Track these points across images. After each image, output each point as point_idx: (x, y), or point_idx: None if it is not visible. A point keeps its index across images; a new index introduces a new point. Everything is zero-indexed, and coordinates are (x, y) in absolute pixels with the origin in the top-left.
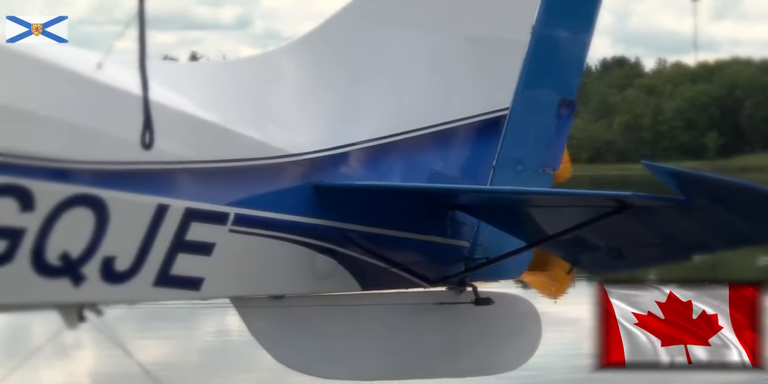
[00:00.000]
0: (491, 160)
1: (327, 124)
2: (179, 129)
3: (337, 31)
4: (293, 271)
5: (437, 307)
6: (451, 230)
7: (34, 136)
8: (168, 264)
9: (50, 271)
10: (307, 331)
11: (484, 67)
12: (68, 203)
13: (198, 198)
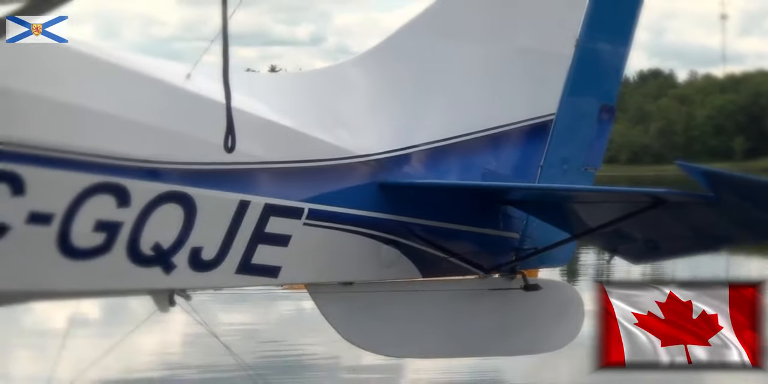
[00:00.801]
0: (539, 160)
1: (391, 128)
2: (259, 133)
3: (401, 45)
4: (361, 260)
5: (490, 292)
6: (503, 223)
7: (130, 139)
8: (249, 254)
9: (144, 260)
10: (374, 314)
11: (533, 77)
12: (160, 200)
13: (276, 195)
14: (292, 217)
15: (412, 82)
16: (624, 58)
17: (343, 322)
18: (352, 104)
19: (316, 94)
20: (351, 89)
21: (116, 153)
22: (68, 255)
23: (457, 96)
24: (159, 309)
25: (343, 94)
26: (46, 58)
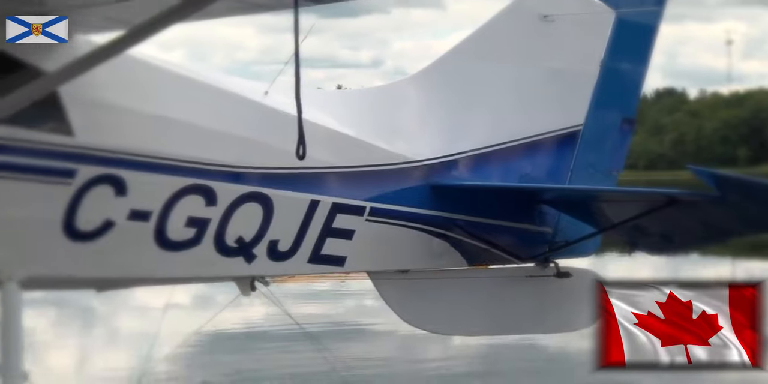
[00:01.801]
0: (569, 165)
1: (440, 137)
2: (327, 142)
3: (448, 66)
4: (415, 251)
5: (527, 279)
6: (538, 219)
7: (217, 147)
8: (319, 245)
9: (229, 251)
10: (426, 297)
11: (563, 92)
12: (243, 199)
13: (342, 195)
14: (356, 214)
15: (457, 98)
16: (642, 78)
17: (399, 305)
18: (407, 117)
19: (376, 108)
20: (406, 104)
21: (205, 159)
22: (164, 247)
23: (497, 109)
24: (242, 293)
25: (399, 108)
26: (147, 78)
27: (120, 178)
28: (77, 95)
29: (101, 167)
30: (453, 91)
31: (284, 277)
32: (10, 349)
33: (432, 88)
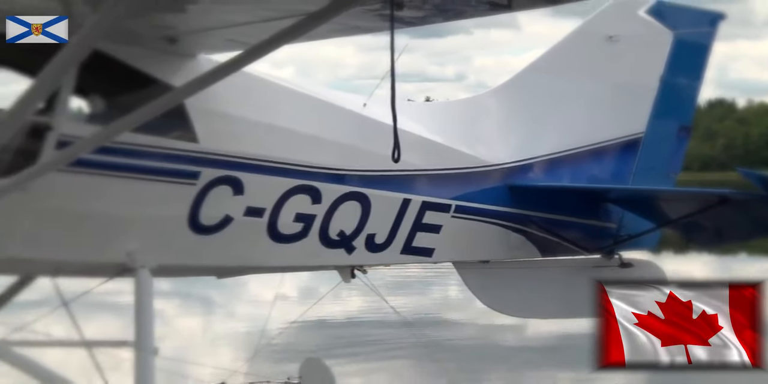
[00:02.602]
0: (632, 168)
1: (517, 143)
2: (418, 147)
3: (524, 81)
4: (494, 244)
5: (594, 268)
6: (604, 216)
7: (322, 152)
8: (410, 238)
9: (332, 243)
10: (505, 284)
11: (626, 104)
12: (344, 198)
13: (430, 194)
14: (443, 211)
15: (532, 109)
16: (697, 91)
17: (481, 291)
18: (488, 125)
19: (460, 118)
20: (487, 114)
21: (311, 162)
22: (275, 239)
23: (567, 119)
24: (343, 280)
25: (481, 118)
26: (261, 92)
27: (238, 179)
28: (201, 107)
29: (222, 170)
30: (529, 103)
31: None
32: (142, 328)
33: (510, 100)
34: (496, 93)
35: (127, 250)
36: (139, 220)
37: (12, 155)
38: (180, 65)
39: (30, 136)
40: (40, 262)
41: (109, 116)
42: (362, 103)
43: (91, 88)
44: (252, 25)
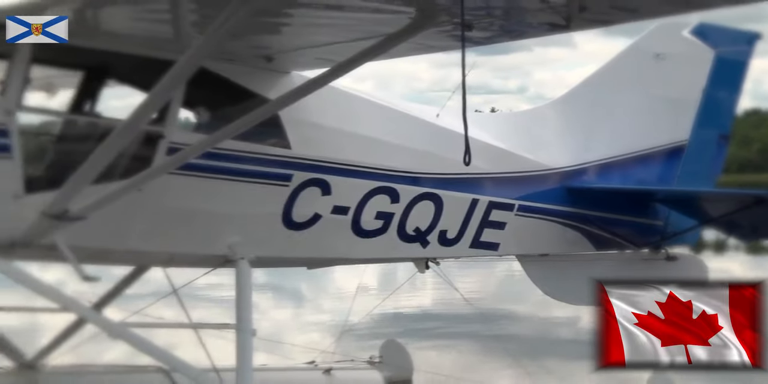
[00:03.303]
0: (676, 171)
1: (573, 150)
2: (485, 153)
3: (579, 94)
4: (553, 239)
5: (643, 261)
6: (652, 214)
7: (399, 157)
8: (478, 234)
9: (408, 238)
10: (562, 275)
11: (671, 114)
12: (419, 198)
13: (496, 195)
14: (507, 210)
15: (587, 120)
16: (735, 102)
17: (541, 281)
18: (547, 133)
19: (522, 126)
20: (546, 124)
21: (390, 166)
22: (358, 234)
23: (618, 128)
24: (418, 271)
25: (540, 126)
26: (346, 103)
27: (326, 181)
28: (293, 117)
29: (311, 173)
30: (583, 114)
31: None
32: (242, 312)
33: (567, 111)
34: (555, 105)
35: (229, 243)
36: (240, 217)
37: (129, 160)
38: (275, 81)
39: (144, 143)
40: (153, 254)
41: (212, 126)
42: (435, 113)
43: (197, 101)
44: (338, 45)
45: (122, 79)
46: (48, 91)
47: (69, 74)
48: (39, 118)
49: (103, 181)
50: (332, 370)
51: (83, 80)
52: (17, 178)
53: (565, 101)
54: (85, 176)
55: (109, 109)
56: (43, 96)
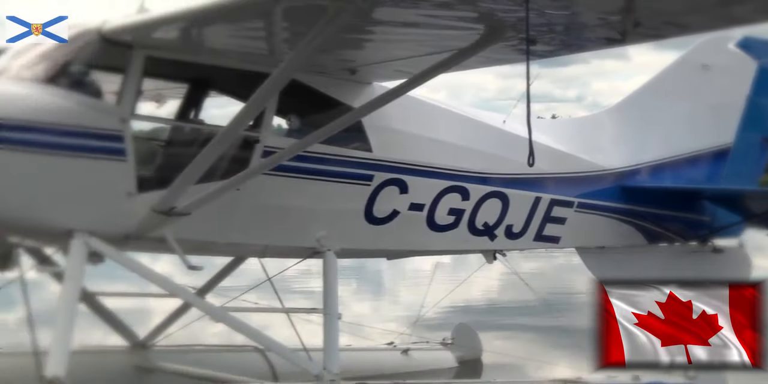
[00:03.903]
0: (722, 172)
1: (627, 152)
2: (546, 156)
3: (633, 102)
4: (609, 233)
5: (691, 253)
6: (700, 210)
7: (469, 159)
8: (541, 228)
9: (478, 232)
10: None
11: (717, 119)
12: (488, 196)
13: (557, 193)
14: (567, 207)
15: (640, 125)
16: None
17: (598, 271)
18: (604, 137)
19: (581, 131)
20: (602, 129)
21: (461, 167)
22: (433, 229)
23: (669, 132)
24: (486, 261)
25: (598, 131)
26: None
27: (403, 181)
28: (374, 124)
29: (391, 173)
30: (637, 120)
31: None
32: (329, 298)
33: (622, 117)
34: (610, 112)
35: (317, 237)
36: (327, 213)
37: (228, 162)
38: (358, 91)
39: (242, 147)
40: (250, 246)
41: (302, 131)
42: (502, 119)
43: (289, 109)
44: (415, 59)
45: (223, 90)
46: (157, 101)
47: (176, 86)
48: (149, 125)
49: (206, 181)
50: (409, 350)
51: (188, 91)
52: (131, 178)
53: (619, 108)
54: (190, 177)
55: (211, 116)
56: (153, 105)
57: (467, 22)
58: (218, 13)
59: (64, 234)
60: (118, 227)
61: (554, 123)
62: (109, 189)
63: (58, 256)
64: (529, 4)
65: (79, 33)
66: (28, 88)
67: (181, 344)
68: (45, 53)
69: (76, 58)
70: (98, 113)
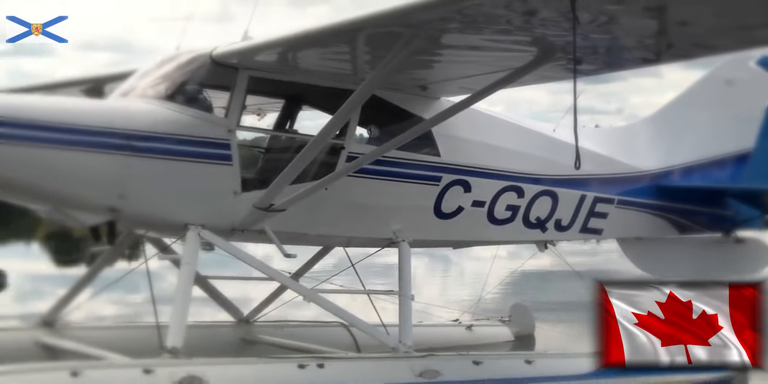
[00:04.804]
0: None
1: (661, 156)
2: (591, 159)
3: (666, 113)
4: (645, 226)
5: (716, 243)
6: (724, 206)
7: (524, 162)
8: (586, 222)
9: (531, 225)
10: (653, 253)
11: (740, 127)
12: (540, 194)
13: (600, 191)
14: (609, 203)
15: (672, 133)
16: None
17: (636, 259)
18: (641, 144)
19: (621, 138)
20: (640, 136)
21: (517, 170)
22: (492, 222)
23: (697, 139)
24: (538, 250)
25: (635, 138)
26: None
27: (467, 182)
28: (442, 132)
29: (456, 175)
30: (669, 128)
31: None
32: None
33: (656, 126)
34: (646, 122)
35: (393, 229)
36: (401, 209)
37: (318, 166)
38: (428, 105)
39: (330, 153)
40: (336, 237)
41: (381, 139)
42: (552, 128)
43: (369, 120)
44: (477, 77)
45: (313, 104)
46: (258, 115)
47: (274, 101)
48: (252, 135)
49: (299, 182)
50: (473, 326)
51: (284, 106)
52: (236, 180)
53: (654, 119)
54: (286, 178)
55: (303, 127)
56: (255, 118)
57: (522, 45)
58: (310, 40)
59: (181, 227)
60: (226, 221)
61: (597, 131)
62: (219, 189)
63: (176, 245)
64: (576, 30)
65: (193, 57)
66: (152, 104)
67: (278, 320)
68: (165, 74)
69: (190, 79)
70: (209, 125)
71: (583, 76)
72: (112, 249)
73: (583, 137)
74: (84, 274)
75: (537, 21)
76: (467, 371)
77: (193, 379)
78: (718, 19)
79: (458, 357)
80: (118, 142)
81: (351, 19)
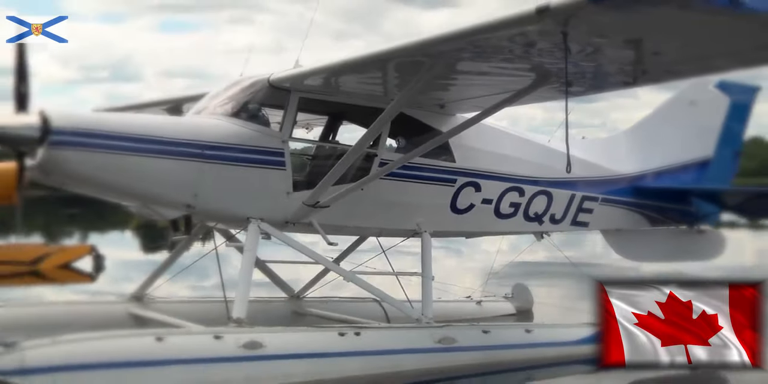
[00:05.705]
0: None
1: (637, 162)
2: (579, 165)
3: (641, 126)
4: (623, 220)
5: (681, 233)
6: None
7: (524, 167)
8: (575, 216)
9: (530, 219)
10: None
11: (702, 138)
12: (537, 194)
13: (587, 191)
14: (594, 201)
15: (646, 143)
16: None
17: (616, 246)
18: (620, 151)
19: (604, 148)
20: (619, 146)
21: (518, 173)
22: (498, 217)
23: (667, 148)
24: (536, 239)
25: (616, 147)
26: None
27: (478, 183)
28: (457, 143)
29: (468, 178)
30: (644, 139)
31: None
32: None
33: (634, 137)
34: (625, 133)
35: (417, 222)
36: (423, 205)
37: (355, 170)
38: (446, 120)
39: (365, 160)
40: (370, 229)
41: (407, 148)
42: (547, 139)
43: (397, 133)
44: (486, 97)
45: (351, 120)
46: (307, 128)
47: (320, 118)
48: (301, 145)
49: (340, 183)
50: (482, 302)
51: (328, 121)
52: (288, 182)
53: (631, 132)
54: (329, 180)
55: (344, 139)
56: (304, 131)
57: (523, 71)
58: (350, 67)
59: (244, 220)
60: (280, 215)
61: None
62: (274, 189)
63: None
64: (568, 59)
65: (254, 81)
66: (221, 120)
67: (323, 296)
68: (231, 96)
69: (252, 99)
70: (267, 137)
71: (573, 97)
72: (189, 238)
73: (572, 147)
74: (166, 258)
75: (535, 51)
76: (478, 338)
77: (255, 344)
78: (685, 50)
79: (470, 327)
80: (193, 151)
81: (383, 50)
